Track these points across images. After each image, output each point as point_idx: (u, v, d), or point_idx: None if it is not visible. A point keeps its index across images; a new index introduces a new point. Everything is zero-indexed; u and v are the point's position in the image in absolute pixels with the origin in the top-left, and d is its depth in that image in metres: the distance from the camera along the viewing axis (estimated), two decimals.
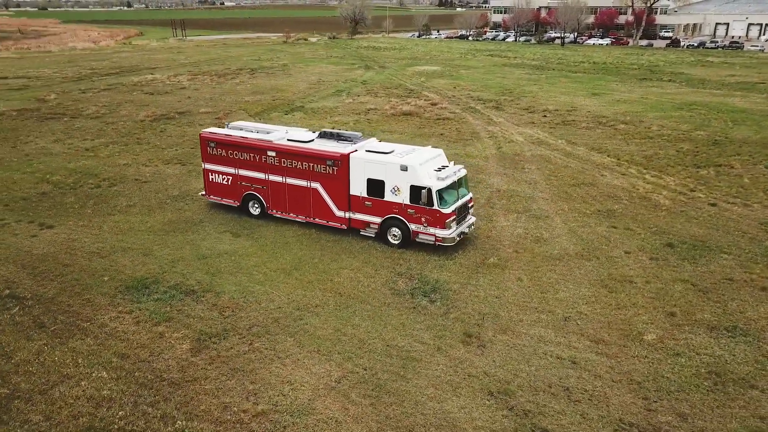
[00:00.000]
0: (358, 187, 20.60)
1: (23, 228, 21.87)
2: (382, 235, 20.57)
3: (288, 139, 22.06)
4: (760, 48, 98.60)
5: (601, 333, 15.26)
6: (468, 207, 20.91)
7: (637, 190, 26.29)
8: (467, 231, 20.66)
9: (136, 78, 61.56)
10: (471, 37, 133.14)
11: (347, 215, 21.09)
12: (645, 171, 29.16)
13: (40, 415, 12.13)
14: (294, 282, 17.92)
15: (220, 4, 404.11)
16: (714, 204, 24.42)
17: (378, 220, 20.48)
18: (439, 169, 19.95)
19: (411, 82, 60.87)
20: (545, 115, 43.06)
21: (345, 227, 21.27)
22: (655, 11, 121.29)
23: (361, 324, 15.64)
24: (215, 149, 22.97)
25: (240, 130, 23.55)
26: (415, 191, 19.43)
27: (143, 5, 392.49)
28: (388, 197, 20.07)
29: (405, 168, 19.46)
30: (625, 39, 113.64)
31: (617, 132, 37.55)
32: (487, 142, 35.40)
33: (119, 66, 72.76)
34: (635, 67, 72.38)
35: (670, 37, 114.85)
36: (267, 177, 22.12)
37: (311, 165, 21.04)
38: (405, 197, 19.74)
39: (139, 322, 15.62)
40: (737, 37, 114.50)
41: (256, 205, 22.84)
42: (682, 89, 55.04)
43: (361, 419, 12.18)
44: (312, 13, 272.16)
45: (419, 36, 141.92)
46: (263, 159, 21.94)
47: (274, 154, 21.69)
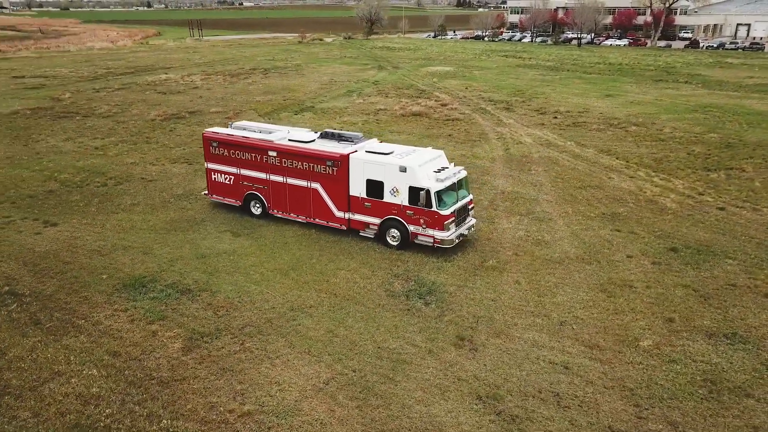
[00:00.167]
0: (357, 188, 20.53)
1: (28, 225, 22.15)
2: (381, 237, 20.48)
3: (289, 140, 22.08)
4: None
5: (597, 338, 15.01)
6: (468, 209, 20.73)
7: (644, 193, 25.88)
8: (467, 233, 20.49)
9: (150, 77, 62.13)
10: (487, 38, 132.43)
11: (347, 216, 21.03)
12: (654, 174, 28.70)
13: (28, 412, 12.24)
14: (290, 282, 17.91)
15: (239, 4, 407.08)
16: (722, 208, 23.96)
17: (377, 221, 20.39)
18: (439, 171, 19.78)
19: (423, 82, 60.67)
20: (556, 117, 42.63)
21: (345, 228, 21.22)
22: (675, 12, 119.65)
23: (354, 325, 15.57)
24: (218, 149, 23.07)
25: (243, 129, 23.64)
26: (414, 192, 19.32)
27: (162, 5, 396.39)
28: (387, 198, 19.98)
29: (404, 169, 19.35)
30: (643, 40, 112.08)
31: (628, 134, 37.03)
32: (495, 143, 35.13)
33: (134, 66, 73.51)
34: (651, 69, 71.40)
35: (689, 38, 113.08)
36: (268, 177, 22.16)
37: (311, 165, 21.03)
38: (404, 198, 19.63)
39: (134, 320, 15.72)
40: (758, 38, 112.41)
41: (257, 205, 22.89)
42: (697, 91, 54.16)
43: (347, 421, 12.11)
44: (329, 14, 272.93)
45: (435, 36, 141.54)
46: (264, 159, 21.98)
47: (275, 154, 21.72)
